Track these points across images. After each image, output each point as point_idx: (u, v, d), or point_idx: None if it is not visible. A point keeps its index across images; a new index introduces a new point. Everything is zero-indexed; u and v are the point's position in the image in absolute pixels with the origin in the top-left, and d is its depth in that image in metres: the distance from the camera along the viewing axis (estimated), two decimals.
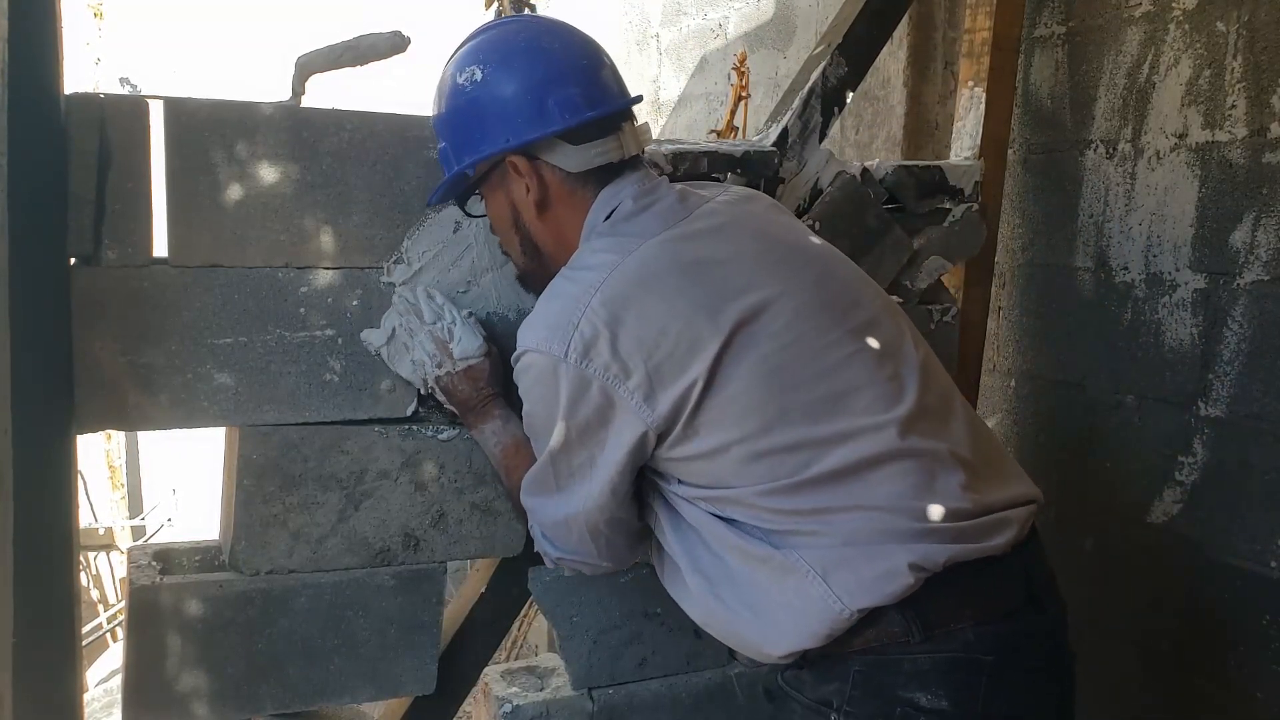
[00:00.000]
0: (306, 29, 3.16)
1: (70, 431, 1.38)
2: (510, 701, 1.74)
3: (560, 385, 1.26)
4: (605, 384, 1.24)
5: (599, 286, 1.25)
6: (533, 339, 1.29)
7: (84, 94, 1.36)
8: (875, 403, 1.26)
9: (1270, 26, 1.81)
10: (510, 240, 1.44)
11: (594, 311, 1.24)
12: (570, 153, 1.35)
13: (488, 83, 1.34)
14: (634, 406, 1.25)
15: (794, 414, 1.24)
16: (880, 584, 1.20)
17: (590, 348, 1.24)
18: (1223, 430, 1.92)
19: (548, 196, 1.37)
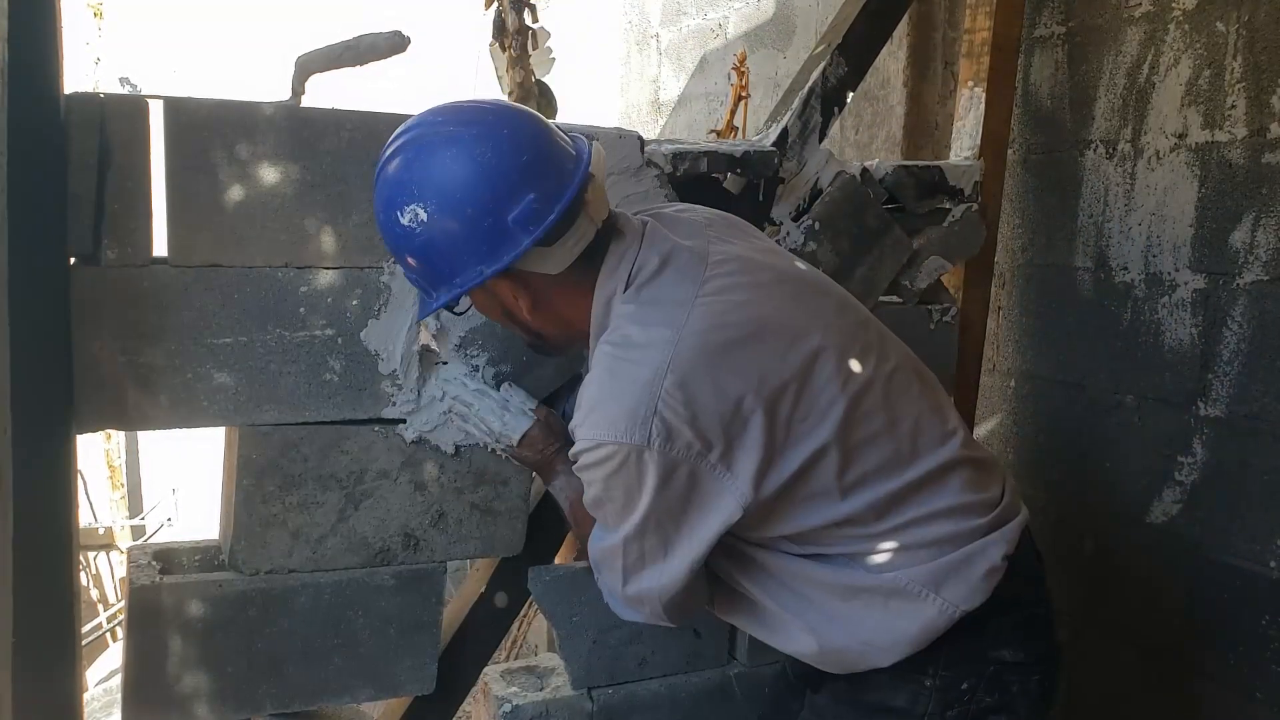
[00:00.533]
0: (306, 29, 3.16)
1: (70, 431, 1.38)
2: (510, 701, 1.74)
3: (647, 473, 1.22)
4: (692, 463, 1.22)
5: (668, 367, 1.21)
6: (609, 430, 1.22)
7: (84, 94, 1.36)
8: (926, 415, 1.33)
9: (1270, 26, 1.81)
10: (509, 328, 1.41)
11: (670, 395, 1.20)
12: (547, 256, 1.26)
13: (435, 221, 1.22)
14: (719, 478, 1.23)
15: (867, 445, 1.28)
16: (986, 582, 1.29)
17: (673, 431, 1.20)
18: (1222, 430, 1.92)
19: (539, 297, 1.31)
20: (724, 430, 1.22)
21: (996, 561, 1.30)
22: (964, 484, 1.33)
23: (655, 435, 1.20)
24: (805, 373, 1.25)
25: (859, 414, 1.27)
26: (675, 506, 1.25)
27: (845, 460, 1.26)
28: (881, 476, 1.29)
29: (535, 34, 3.35)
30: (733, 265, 1.33)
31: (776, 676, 1.68)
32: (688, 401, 1.20)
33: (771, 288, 1.33)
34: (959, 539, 1.31)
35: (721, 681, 1.86)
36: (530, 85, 3.34)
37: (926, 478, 1.31)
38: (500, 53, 3.34)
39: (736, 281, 1.31)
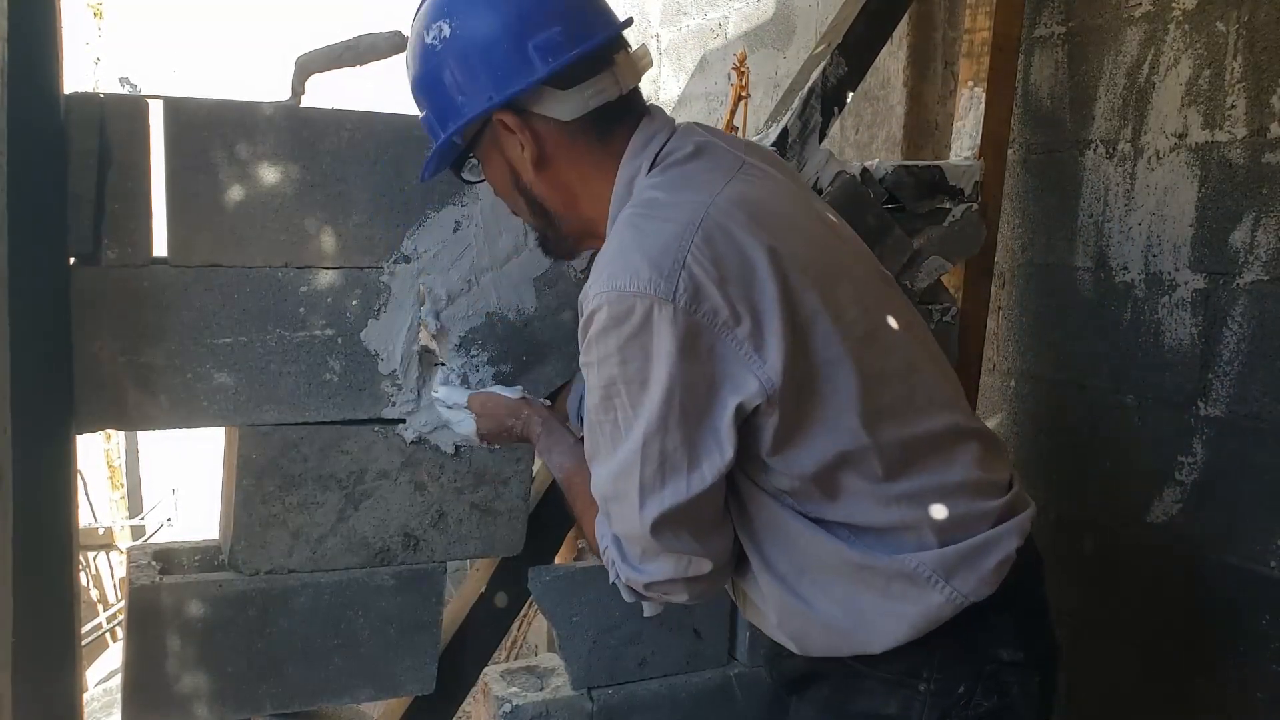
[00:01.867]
0: (306, 29, 3.15)
1: (70, 431, 1.38)
2: (510, 701, 1.74)
3: (667, 336, 1.07)
4: (716, 335, 1.08)
5: (699, 223, 1.10)
6: (630, 280, 1.08)
7: (84, 94, 1.36)
8: (938, 378, 1.25)
9: (1270, 26, 1.81)
10: (516, 203, 1.31)
11: (699, 249, 1.08)
12: (561, 99, 1.20)
13: (457, 37, 1.19)
14: (745, 359, 1.09)
15: (883, 379, 1.17)
16: (996, 574, 1.20)
17: (700, 291, 1.07)
18: (1223, 430, 1.92)
19: (545, 152, 1.23)
20: (751, 304, 1.09)
21: (1010, 552, 1.20)
22: (975, 460, 1.23)
23: (682, 290, 1.07)
24: (831, 279, 1.15)
25: (878, 343, 1.18)
26: (700, 389, 1.10)
27: (863, 383, 1.14)
28: (895, 418, 1.17)
29: None
30: (765, 176, 1.24)
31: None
32: (717, 261, 1.08)
33: (801, 210, 1.24)
34: (971, 522, 1.21)
35: (722, 682, 1.86)
36: None
37: (939, 439, 1.20)
38: None
39: (766, 186, 1.21)
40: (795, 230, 1.18)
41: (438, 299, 1.56)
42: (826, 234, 1.26)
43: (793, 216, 1.21)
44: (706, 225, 1.10)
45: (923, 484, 1.19)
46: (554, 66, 1.17)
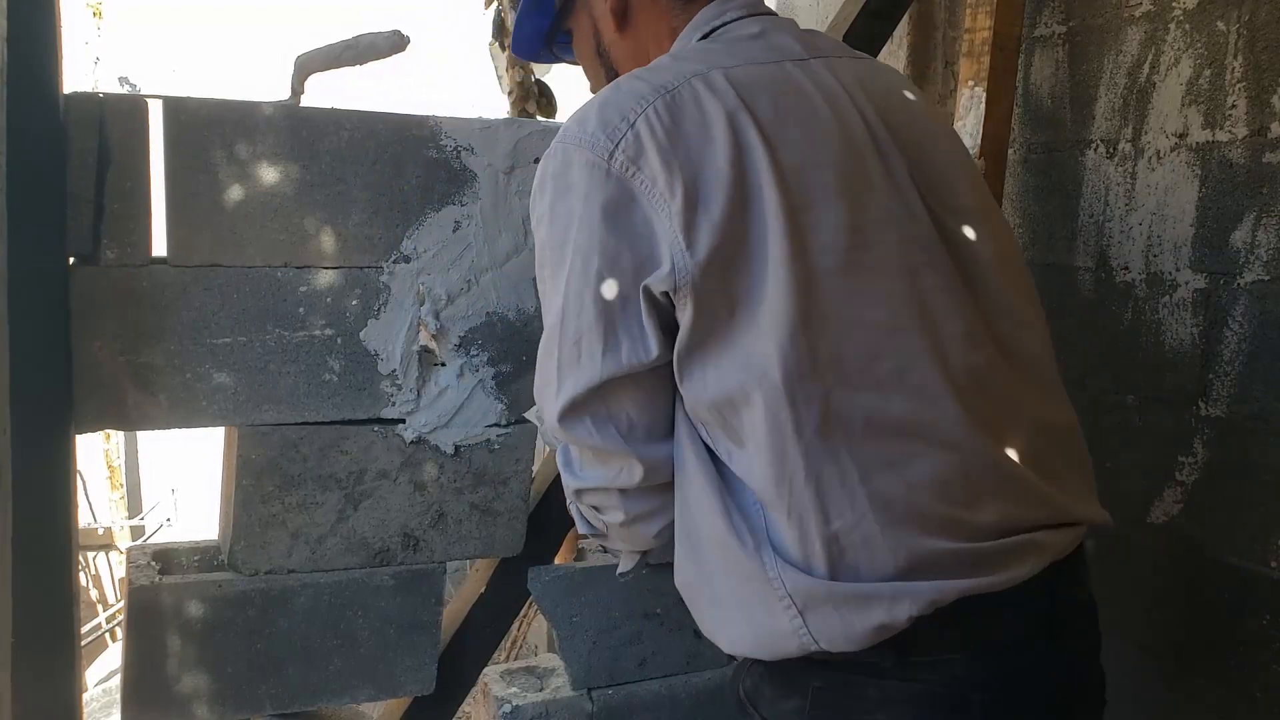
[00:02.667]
0: (306, 29, 3.16)
1: (69, 431, 1.38)
2: (510, 702, 1.74)
3: (594, 196, 0.99)
4: (649, 205, 0.98)
5: (672, 89, 1.02)
6: (574, 131, 1.02)
7: (83, 93, 1.36)
8: (916, 356, 1.02)
9: (1270, 26, 1.81)
10: (597, 76, 1.27)
11: (655, 114, 1.00)
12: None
13: None
14: (670, 236, 0.98)
15: (838, 322, 1.00)
16: (870, 635, 0.99)
17: (641, 154, 0.98)
18: (1223, 430, 1.92)
19: (630, 10, 1.20)
20: (694, 179, 0.98)
21: (899, 619, 0.97)
22: (935, 478, 0.99)
23: (621, 149, 0.99)
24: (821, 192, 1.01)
25: (855, 282, 1.00)
26: (623, 261, 0.99)
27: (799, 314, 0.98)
28: (836, 374, 0.98)
29: None
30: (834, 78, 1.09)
31: None
32: (671, 127, 0.99)
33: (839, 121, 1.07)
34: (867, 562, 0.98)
35: (722, 682, 1.85)
36: (530, 85, 3.34)
37: (887, 427, 0.99)
38: (500, 52, 3.34)
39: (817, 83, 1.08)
40: (805, 131, 1.03)
41: (437, 299, 1.56)
42: (854, 152, 1.06)
43: (816, 120, 1.05)
44: (682, 92, 1.01)
45: (836, 477, 0.98)
46: None
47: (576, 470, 1.13)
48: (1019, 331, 1.12)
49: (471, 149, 1.56)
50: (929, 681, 1.00)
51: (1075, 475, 1.15)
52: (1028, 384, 1.10)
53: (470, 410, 1.61)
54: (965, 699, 1.00)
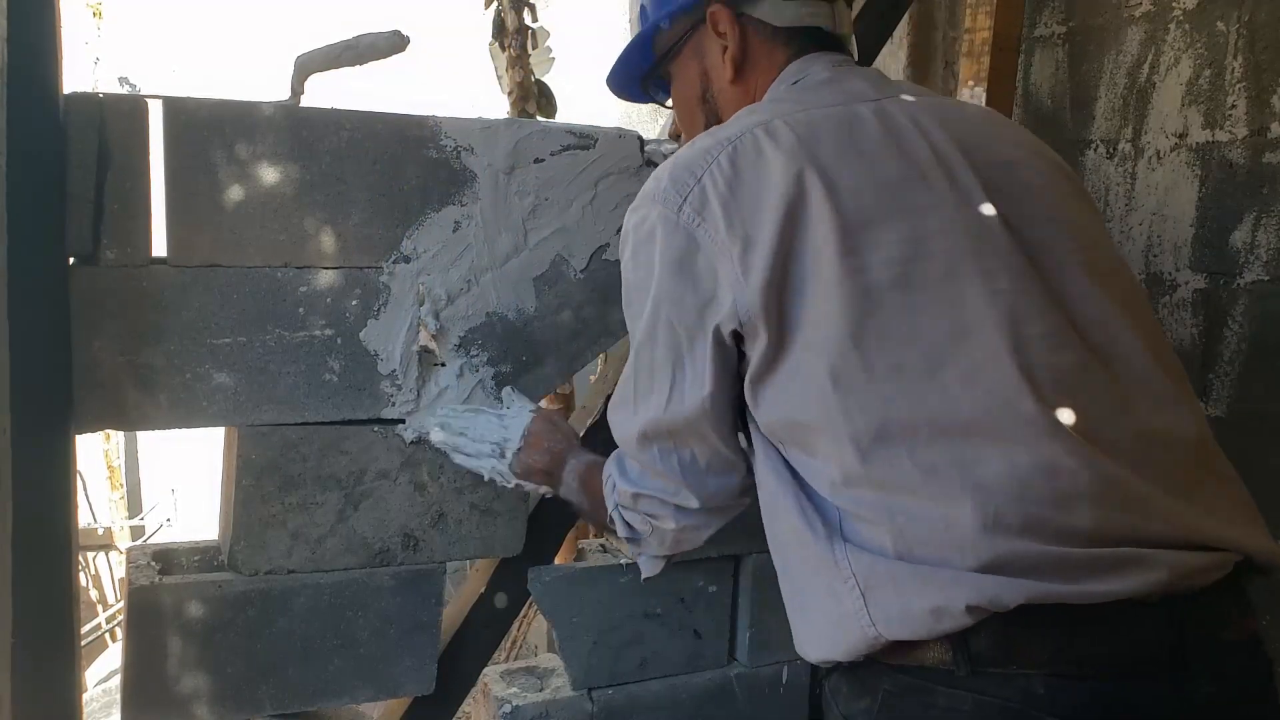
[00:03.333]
0: (306, 29, 3.16)
1: (69, 431, 1.38)
2: (510, 702, 1.74)
3: (669, 244, 1.08)
4: (713, 251, 1.06)
5: (734, 141, 1.09)
6: (651, 187, 1.13)
7: (83, 94, 1.36)
8: (988, 359, 1.01)
9: (1270, 26, 1.81)
10: (694, 121, 1.31)
11: (719, 167, 1.08)
12: (779, 6, 1.23)
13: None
14: (733, 280, 1.05)
15: (895, 334, 1.02)
16: (926, 621, 0.97)
17: (705, 206, 1.07)
18: (1223, 430, 1.92)
19: (747, 56, 1.24)
20: (752, 225, 1.05)
21: (956, 607, 0.95)
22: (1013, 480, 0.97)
23: (689, 202, 1.08)
24: (881, 213, 1.05)
25: (913, 294, 1.03)
26: (688, 305, 1.08)
27: (854, 332, 1.02)
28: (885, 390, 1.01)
29: (535, 34, 3.35)
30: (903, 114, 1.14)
31: None
32: (733, 178, 1.07)
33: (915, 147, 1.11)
34: (934, 551, 0.97)
35: (722, 682, 1.85)
36: (530, 85, 3.34)
37: (945, 429, 0.99)
38: (500, 52, 3.34)
39: (884, 121, 1.12)
40: (864, 160, 1.08)
41: (437, 299, 1.56)
42: (917, 173, 1.09)
43: (876, 148, 1.09)
44: (742, 143, 1.09)
45: (898, 480, 1.00)
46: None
47: (634, 477, 1.21)
48: (1120, 337, 1.08)
49: (471, 149, 1.56)
50: (1002, 696, 0.96)
51: (1217, 495, 1.08)
52: (1133, 391, 1.06)
53: None
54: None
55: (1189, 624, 0.98)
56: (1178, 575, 0.97)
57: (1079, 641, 0.96)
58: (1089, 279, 1.10)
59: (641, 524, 1.24)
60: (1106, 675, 0.96)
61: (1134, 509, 0.99)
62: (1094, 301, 1.09)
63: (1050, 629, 0.95)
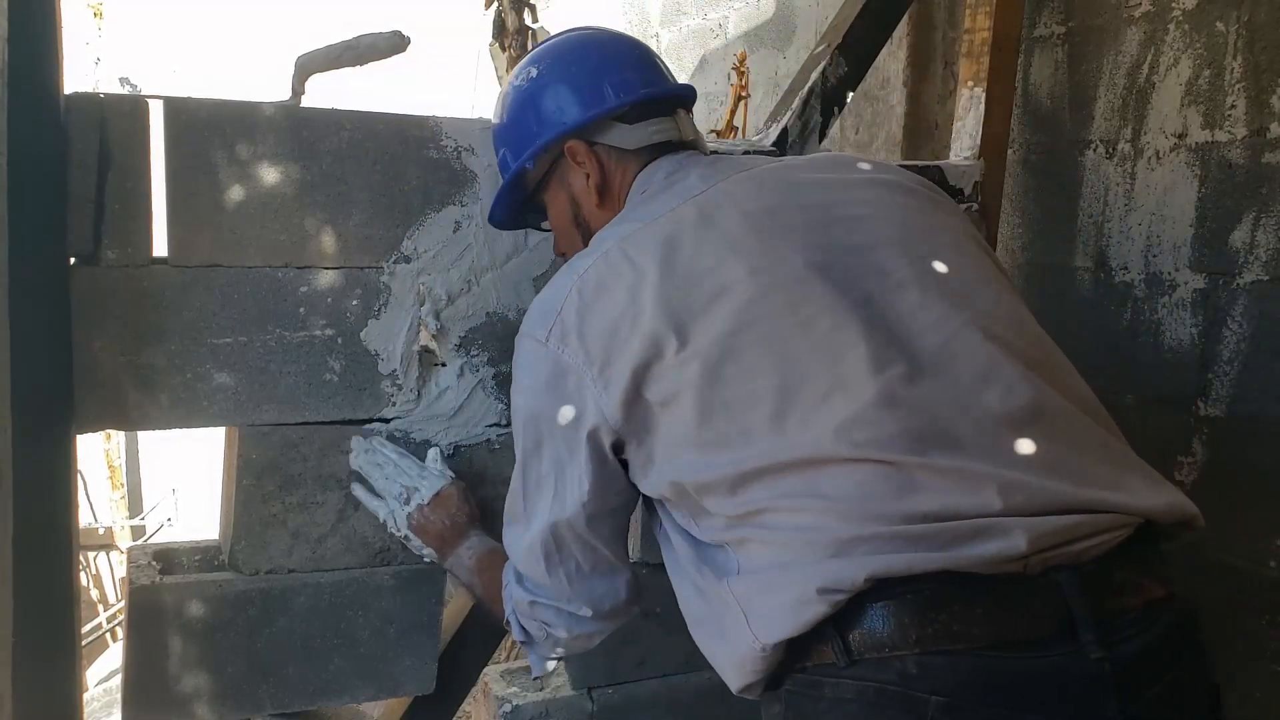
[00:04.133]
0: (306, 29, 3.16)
1: (70, 431, 1.38)
2: (510, 701, 1.74)
3: (540, 370, 1.22)
4: (578, 372, 1.18)
5: (583, 273, 1.21)
6: (526, 323, 1.26)
7: (84, 94, 1.36)
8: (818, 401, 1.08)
9: (1270, 26, 1.81)
10: (573, 240, 1.41)
11: (571, 300, 1.20)
12: (626, 131, 1.35)
13: (543, 77, 1.37)
14: (595, 393, 1.17)
15: (737, 403, 1.11)
16: (788, 614, 1.03)
17: (566, 335, 1.19)
18: (1223, 430, 1.92)
19: (607, 181, 1.36)
20: (603, 347, 1.16)
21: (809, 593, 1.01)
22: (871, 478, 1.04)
23: (553, 335, 1.20)
24: (689, 316, 1.14)
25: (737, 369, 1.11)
26: (563, 420, 1.20)
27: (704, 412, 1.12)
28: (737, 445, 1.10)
29: (535, 34, 3.36)
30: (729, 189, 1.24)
31: None
32: (583, 309, 1.19)
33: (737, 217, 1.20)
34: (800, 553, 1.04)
35: (721, 682, 1.85)
36: None
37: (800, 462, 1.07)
38: (500, 53, 3.35)
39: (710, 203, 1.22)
40: (685, 258, 1.18)
41: (438, 299, 1.57)
42: (734, 250, 1.18)
43: (696, 243, 1.19)
44: (587, 276, 1.21)
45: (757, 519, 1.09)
46: (625, 100, 1.34)
47: (529, 586, 1.29)
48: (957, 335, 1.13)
49: (472, 149, 1.56)
50: (880, 680, 1.00)
51: (1096, 460, 1.10)
52: (977, 384, 1.10)
53: (470, 410, 1.61)
54: (913, 699, 0.98)
55: (1075, 593, 1.00)
56: (1040, 541, 1.00)
57: (951, 620, 0.99)
58: (919, 291, 1.16)
59: (537, 630, 1.32)
60: (985, 649, 0.98)
61: (982, 488, 1.03)
62: (926, 310, 1.14)
63: (921, 611, 0.99)
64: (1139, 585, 1.07)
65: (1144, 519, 1.09)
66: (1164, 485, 1.15)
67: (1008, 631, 0.99)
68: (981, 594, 0.99)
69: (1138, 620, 1.04)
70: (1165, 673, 1.04)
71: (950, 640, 0.99)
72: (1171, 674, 1.05)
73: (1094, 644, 0.99)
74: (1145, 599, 1.06)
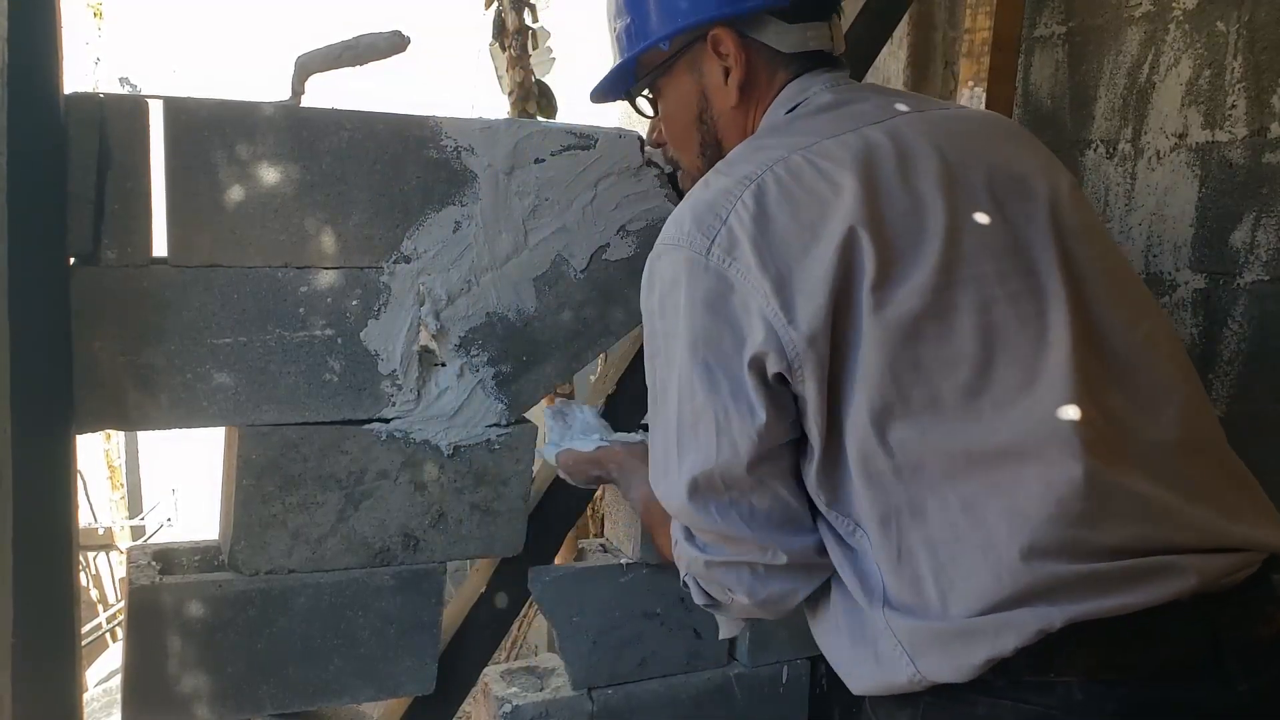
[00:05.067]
0: (306, 29, 3.16)
1: (70, 431, 1.38)
2: (510, 701, 1.74)
3: (698, 286, 1.05)
4: (747, 291, 1.03)
5: (756, 179, 1.07)
6: (674, 232, 1.09)
7: (84, 94, 1.36)
8: (1020, 383, 1.01)
9: (1270, 26, 1.81)
10: (687, 140, 1.29)
11: (744, 206, 1.05)
12: (785, 30, 1.19)
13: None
14: (773, 317, 1.02)
15: (933, 364, 1.01)
16: (978, 670, 0.99)
17: (735, 245, 1.04)
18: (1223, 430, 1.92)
19: (752, 81, 1.21)
20: (786, 263, 1.03)
21: (1004, 651, 0.96)
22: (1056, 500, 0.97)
23: (717, 244, 1.04)
24: (910, 239, 1.04)
25: (944, 322, 1.02)
26: (726, 345, 1.04)
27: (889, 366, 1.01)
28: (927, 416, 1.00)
29: (535, 34, 3.36)
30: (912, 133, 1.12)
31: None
32: (759, 217, 1.04)
33: (928, 173, 1.09)
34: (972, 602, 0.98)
35: (722, 682, 1.86)
36: (530, 85, 3.34)
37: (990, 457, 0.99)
38: (500, 53, 3.35)
39: (895, 142, 1.11)
40: (888, 189, 1.06)
41: (438, 299, 1.57)
42: (936, 197, 1.07)
43: (897, 175, 1.07)
44: (764, 180, 1.06)
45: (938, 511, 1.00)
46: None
47: (702, 544, 1.15)
48: (1141, 345, 1.09)
49: (472, 149, 1.56)
50: (1043, 704, 0.97)
51: (1238, 495, 1.10)
52: (1157, 400, 1.07)
53: (470, 410, 1.61)
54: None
55: (1222, 623, 1.00)
56: (1207, 578, 0.99)
57: (1116, 648, 0.97)
58: (1108, 287, 1.09)
59: (719, 593, 1.18)
60: (1143, 678, 0.97)
61: (1162, 520, 1.00)
62: (1116, 310, 1.08)
63: (1087, 639, 0.97)
64: (1271, 615, 1.05)
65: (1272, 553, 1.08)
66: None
67: (1162, 660, 0.98)
68: (1145, 625, 0.98)
69: (1272, 650, 1.03)
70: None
71: (1115, 669, 0.97)
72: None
73: (1239, 674, 0.99)
74: (1276, 628, 1.05)
